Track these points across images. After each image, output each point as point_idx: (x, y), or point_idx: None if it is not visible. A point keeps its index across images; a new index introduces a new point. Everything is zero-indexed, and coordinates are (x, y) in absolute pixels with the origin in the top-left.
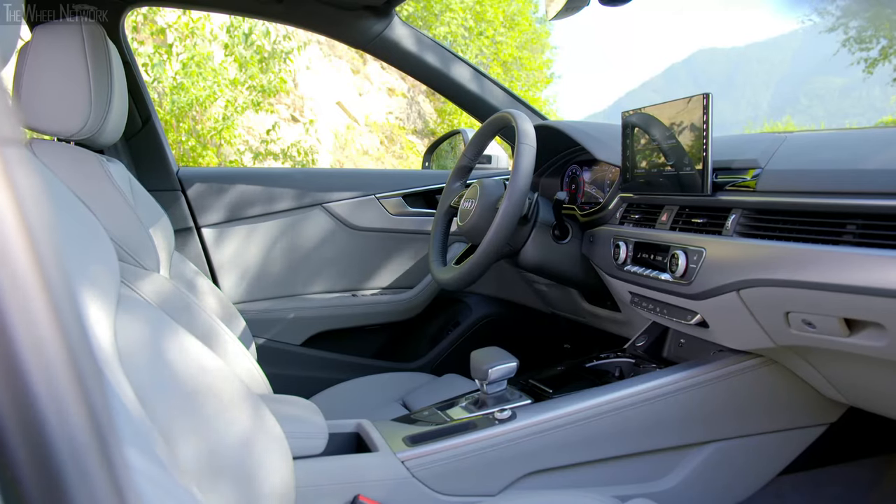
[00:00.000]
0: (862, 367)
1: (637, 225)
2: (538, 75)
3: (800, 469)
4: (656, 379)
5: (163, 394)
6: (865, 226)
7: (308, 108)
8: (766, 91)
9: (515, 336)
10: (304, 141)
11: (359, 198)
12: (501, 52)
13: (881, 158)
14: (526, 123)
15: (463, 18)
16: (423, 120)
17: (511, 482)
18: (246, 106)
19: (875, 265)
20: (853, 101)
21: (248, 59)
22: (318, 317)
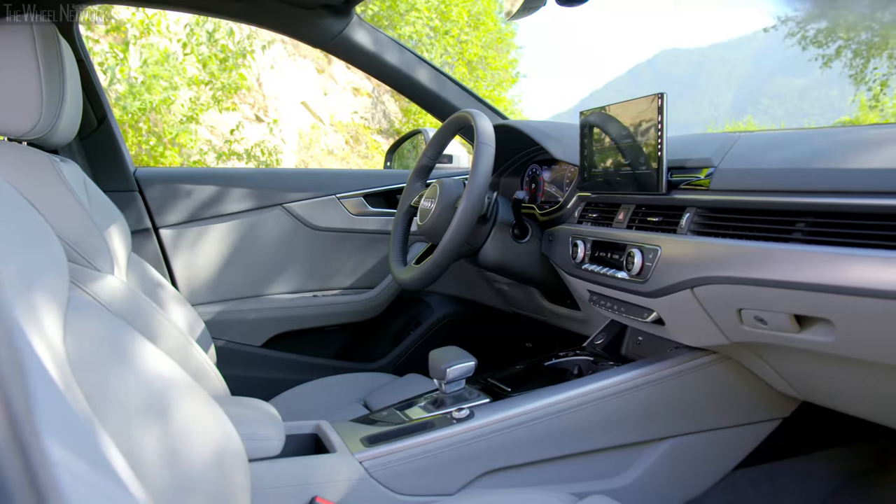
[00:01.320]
0: (813, 363)
1: (595, 224)
2: (503, 75)
3: (755, 463)
4: (613, 376)
5: (113, 396)
6: (814, 224)
7: (272, 108)
8: (728, 91)
9: (477, 335)
10: (269, 141)
11: (319, 198)
12: (467, 52)
13: (830, 158)
14: (485, 123)
15: (428, 18)
16: (388, 119)
17: (469, 481)
18: (208, 105)
19: (823, 262)
20: (812, 102)
21: (211, 57)
22: (278, 318)
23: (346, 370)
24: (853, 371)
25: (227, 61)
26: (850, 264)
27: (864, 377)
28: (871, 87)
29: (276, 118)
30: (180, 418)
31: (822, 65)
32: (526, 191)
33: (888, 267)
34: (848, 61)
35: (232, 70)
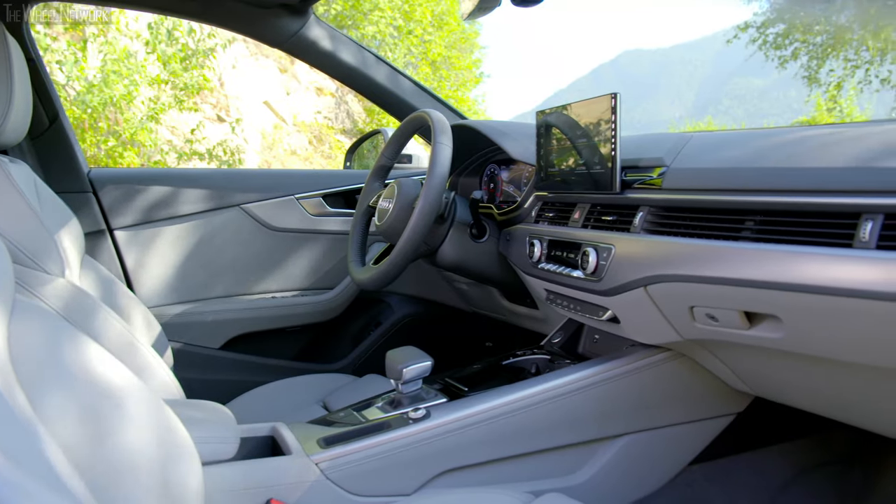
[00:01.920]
0: (764, 359)
1: (552, 223)
2: (467, 75)
3: (710, 458)
4: (569, 375)
5: (60, 402)
6: (763, 222)
7: (234, 108)
8: (689, 92)
9: (437, 335)
10: (231, 141)
11: (278, 198)
12: (430, 52)
13: (778, 157)
14: (442, 123)
15: (392, 17)
16: (351, 119)
17: (426, 481)
18: (169, 105)
19: (771, 260)
20: (772, 102)
21: (171, 56)
22: (236, 319)
23: (305, 371)
24: (802, 367)
25: (187, 60)
26: (797, 262)
27: (812, 372)
28: (828, 90)
29: (239, 118)
30: (128, 422)
31: (778, 66)
32: (485, 190)
33: (833, 264)
34: (804, 63)
35: (194, 70)
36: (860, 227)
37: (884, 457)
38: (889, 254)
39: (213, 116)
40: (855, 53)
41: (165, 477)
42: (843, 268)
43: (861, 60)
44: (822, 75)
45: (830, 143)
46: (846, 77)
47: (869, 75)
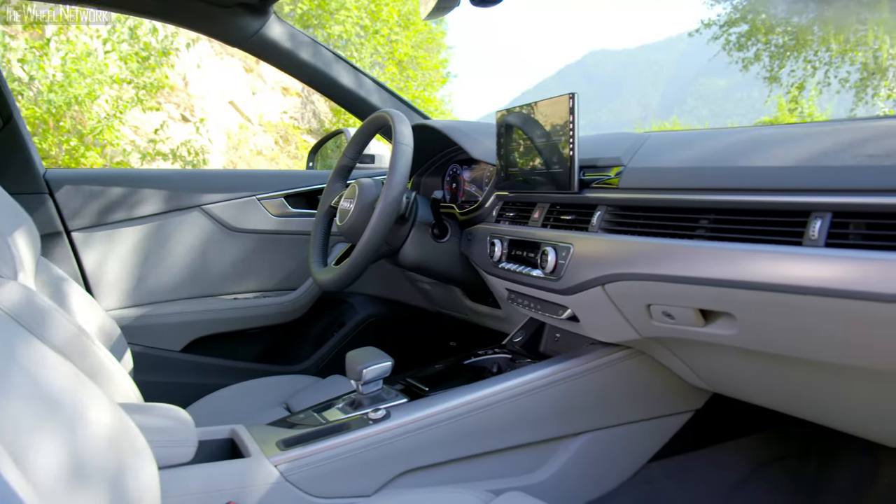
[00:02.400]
0: (720, 356)
1: (512, 223)
2: (434, 75)
3: (669, 455)
4: (529, 373)
5: (8, 407)
6: (717, 220)
7: (199, 108)
8: (655, 92)
9: (401, 335)
10: (195, 141)
11: (239, 199)
12: (397, 52)
13: (732, 157)
14: (403, 123)
15: (358, 17)
16: (318, 119)
17: (387, 481)
18: (132, 104)
19: (724, 258)
20: (735, 102)
21: (133, 55)
22: (198, 321)
23: (268, 373)
24: (757, 363)
25: (149, 59)
26: (750, 260)
27: (767, 368)
28: (790, 91)
29: (203, 118)
30: (80, 426)
31: (741, 68)
32: (447, 190)
33: (784, 262)
34: (766, 64)
35: (155, 68)
36: (810, 225)
37: (838, 450)
38: (837, 251)
39: (177, 116)
40: (815, 54)
41: (120, 482)
42: (794, 265)
43: (820, 62)
44: (783, 76)
45: (782, 142)
46: (807, 78)
47: (828, 76)
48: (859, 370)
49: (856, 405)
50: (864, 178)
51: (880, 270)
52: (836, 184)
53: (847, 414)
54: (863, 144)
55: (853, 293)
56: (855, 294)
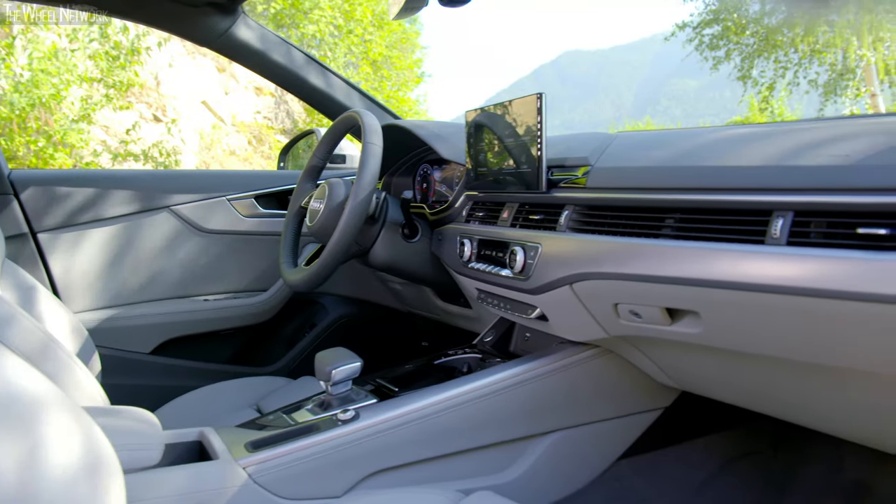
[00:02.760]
0: (687, 354)
1: (482, 222)
2: (408, 75)
3: (638, 452)
4: (499, 373)
5: None
6: (682, 220)
7: (171, 108)
8: (628, 92)
9: (373, 336)
10: (167, 141)
11: (208, 199)
12: (371, 52)
13: (697, 156)
14: (372, 123)
15: (332, 17)
16: (291, 119)
17: (356, 482)
18: (101, 104)
19: (690, 257)
20: (707, 103)
21: (102, 54)
22: (167, 323)
23: (239, 375)
24: (723, 361)
25: (119, 58)
26: (714, 258)
27: (733, 366)
28: (760, 91)
29: (175, 118)
30: (40, 430)
31: (711, 67)
32: (418, 190)
33: (747, 261)
34: (737, 64)
35: (125, 66)
36: (772, 224)
37: (806, 446)
38: (798, 250)
39: (149, 116)
40: (784, 55)
41: (83, 486)
42: (756, 264)
43: (790, 62)
44: (754, 76)
45: (746, 142)
46: (777, 79)
47: (797, 77)
48: (821, 367)
49: (819, 402)
50: (824, 178)
51: (840, 269)
52: (798, 183)
53: (811, 411)
54: (824, 144)
55: (813, 291)
56: (815, 292)
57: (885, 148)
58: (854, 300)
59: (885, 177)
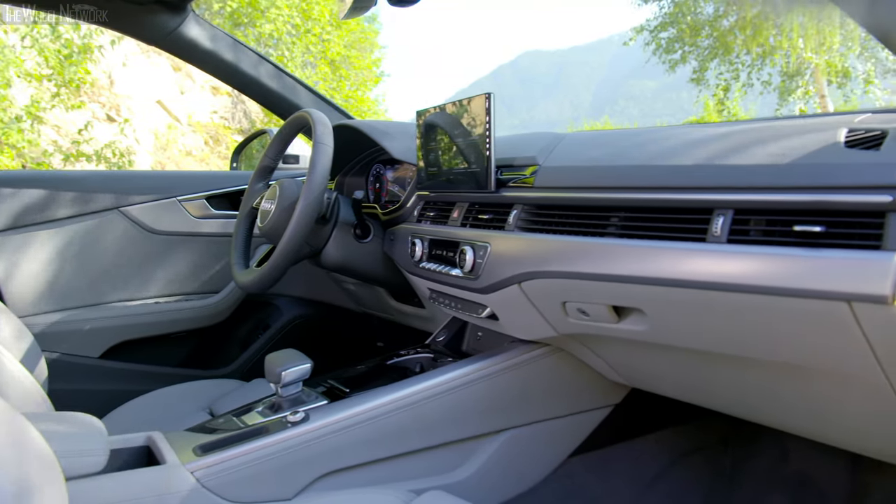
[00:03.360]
0: (634, 351)
1: (433, 222)
2: (367, 74)
3: (589, 449)
4: (449, 372)
5: None
6: (627, 218)
7: (125, 107)
8: (587, 92)
9: (328, 337)
10: (121, 141)
11: (159, 200)
12: (329, 51)
13: (641, 155)
14: (322, 123)
15: (289, 16)
16: (249, 119)
17: (307, 484)
18: (51, 103)
19: (633, 255)
20: (665, 103)
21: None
22: (117, 326)
23: (192, 378)
24: (669, 357)
25: (71, 56)
26: (657, 256)
27: (678, 363)
28: (715, 93)
29: (129, 118)
30: None
31: (668, 69)
32: (371, 190)
33: (689, 258)
34: (693, 66)
35: (77, 64)
36: (713, 222)
37: (754, 440)
38: (738, 247)
39: (102, 116)
40: (737, 57)
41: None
42: (698, 261)
43: (742, 64)
44: (709, 77)
45: (690, 142)
46: (730, 80)
47: (751, 78)
48: (762, 363)
49: (763, 397)
50: (762, 177)
51: (777, 266)
52: (738, 182)
53: (756, 406)
54: (763, 144)
55: (753, 288)
56: (754, 289)
57: (820, 147)
58: (791, 296)
59: (819, 175)
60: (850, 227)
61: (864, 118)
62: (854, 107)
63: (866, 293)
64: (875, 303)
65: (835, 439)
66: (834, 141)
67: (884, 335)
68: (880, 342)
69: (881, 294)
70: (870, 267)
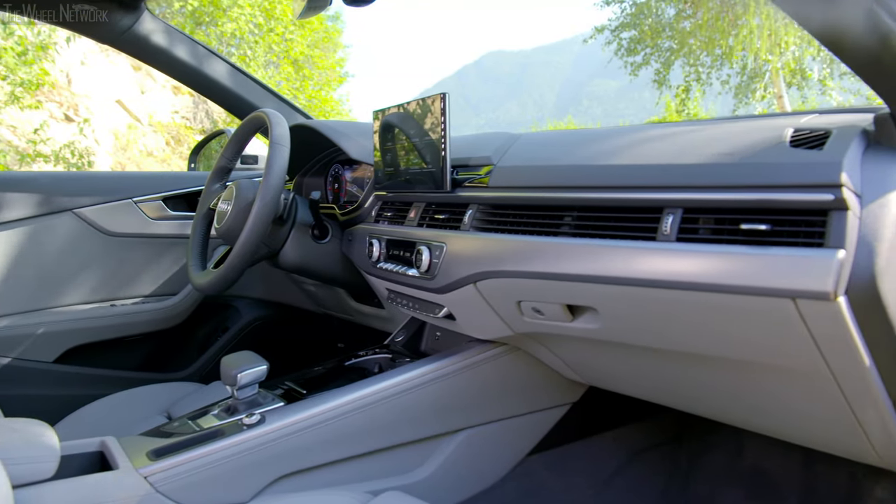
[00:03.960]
0: (590, 349)
1: (390, 222)
2: (331, 74)
3: (548, 447)
4: (407, 372)
5: None
6: (580, 217)
7: (83, 107)
8: (551, 92)
9: (288, 338)
10: (79, 142)
11: (114, 202)
12: (292, 51)
13: (593, 155)
14: (279, 123)
15: (251, 15)
16: (211, 119)
17: (263, 487)
18: (6, 102)
19: (586, 254)
20: (628, 103)
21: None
22: (72, 330)
23: (149, 381)
24: (623, 355)
25: (25, 55)
26: (609, 255)
27: (632, 360)
28: (677, 94)
29: (88, 117)
30: None
31: (630, 72)
32: (330, 190)
33: (639, 257)
34: (656, 67)
35: (32, 64)
36: (662, 220)
37: (708, 436)
38: (687, 246)
39: (59, 116)
40: (697, 58)
41: None
42: (648, 260)
43: (702, 65)
44: (670, 78)
45: (641, 141)
46: (690, 82)
47: (710, 78)
48: (714, 359)
49: (715, 393)
50: (710, 176)
51: (725, 263)
52: (687, 181)
53: (708, 402)
54: (713, 143)
55: (701, 285)
56: (703, 286)
57: (766, 146)
58: (738, 294)
59: (764, 174)
60: (794, 225)
61: (811, 118)
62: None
63: (809, 290)
64: (818, 299)
65: (785, 434)
66: (780, 140)
67: (827, 331)
68: (824, 338)
69: (823, 290)
70: (813, 264)
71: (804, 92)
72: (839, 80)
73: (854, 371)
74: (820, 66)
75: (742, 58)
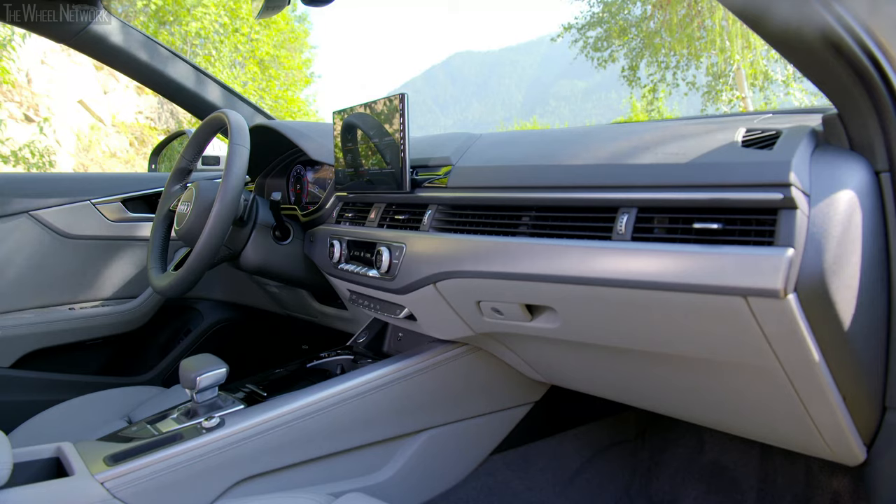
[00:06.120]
0: (549, 348)
1: (352, 223)
2: (297, 75)
3: (510, 447)
4: (368, 373)
5: None
6: (537, 217)
7: (44, 106)
8: (518, 92)
9: (251, 340)
10: (40, 142)
11: (72, 203)
12: (258, 51)
13: (551, 154)
14: (239, 124)
15: (217, 14)
16: (176, 119)
17: (223, 491)
18: None
19: (542, 253)
20: (595, 103)
21: None
22: (29, 334)
23: (110, 386)
24: (582, 354)
25: None
26: (565, 255)
27: (591, 359)
28: (644, 93)
29: (48, 117)
30: None
31: (597, 66)
32: (292, 191)
33: (595, 256)
34: (624, 65)
35: None
36: (618, 220)
37: (669, 433)
38: (642, 245)
39: (19, 116)
40: (664, 57)
41: None
42: (603, 259)
43: (668, 65)
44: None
45: (598, 141)
46: (657, 81)
47: (676, 78)
48: (671, 357)
49: (674, 391)
50: (663, 175)
51: (678, 262)
52: (641, 180)
53: (667, 400)
54: (667, 143)
55: (655, 284)
56: (657, 285)
57: (718, 146)
58: (691, 292)
59: (715, 173)
60: (745, 223)
61: (765, 118)
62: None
63: (760, 287)
64: (768, 297)
65: (743, 430)
66: (732, 141)
67: (778, 328)
68: (775, 335)
69: (773, 288)
70: (763, 262)
71: (766, 93)
72: (800, 83)
73: (804, 367)
74: (783, 67)
75: (707, 57)
